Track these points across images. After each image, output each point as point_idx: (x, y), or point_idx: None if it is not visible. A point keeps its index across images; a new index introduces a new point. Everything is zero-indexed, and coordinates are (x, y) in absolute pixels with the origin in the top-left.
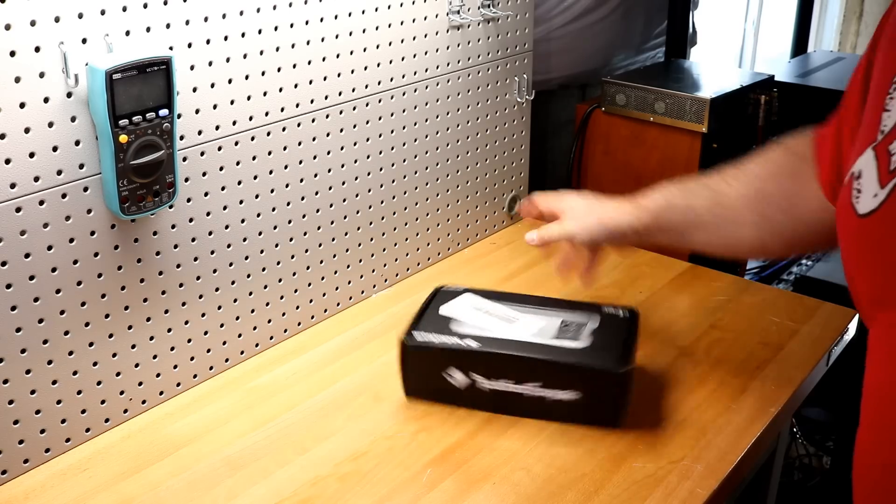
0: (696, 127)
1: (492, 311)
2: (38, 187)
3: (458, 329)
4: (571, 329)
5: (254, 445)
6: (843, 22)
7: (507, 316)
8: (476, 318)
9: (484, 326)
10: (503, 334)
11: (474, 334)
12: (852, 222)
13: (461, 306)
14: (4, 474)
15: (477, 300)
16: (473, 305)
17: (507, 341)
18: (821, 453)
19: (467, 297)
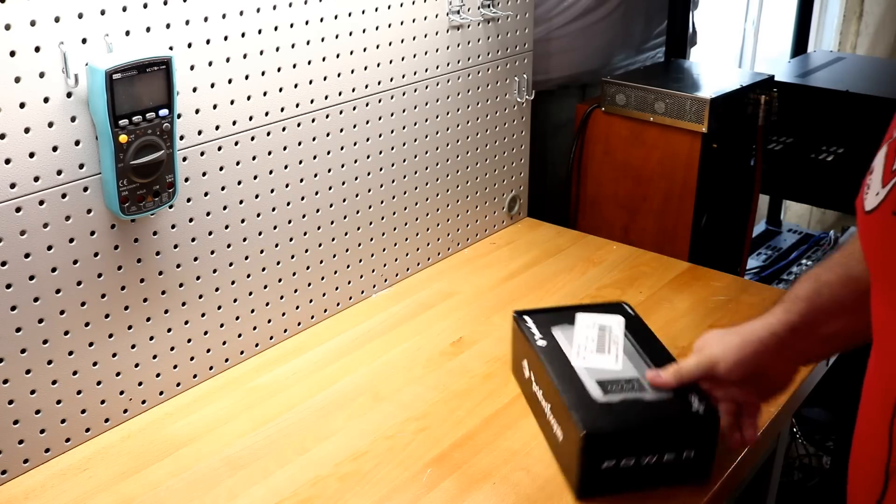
0: (696, 127)
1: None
2: (37, 187)
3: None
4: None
5: (254, 445)
6: (843, 22)
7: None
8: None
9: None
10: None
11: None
12: (861, 218)
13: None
14: (4, 474)
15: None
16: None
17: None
18: (821, 453)
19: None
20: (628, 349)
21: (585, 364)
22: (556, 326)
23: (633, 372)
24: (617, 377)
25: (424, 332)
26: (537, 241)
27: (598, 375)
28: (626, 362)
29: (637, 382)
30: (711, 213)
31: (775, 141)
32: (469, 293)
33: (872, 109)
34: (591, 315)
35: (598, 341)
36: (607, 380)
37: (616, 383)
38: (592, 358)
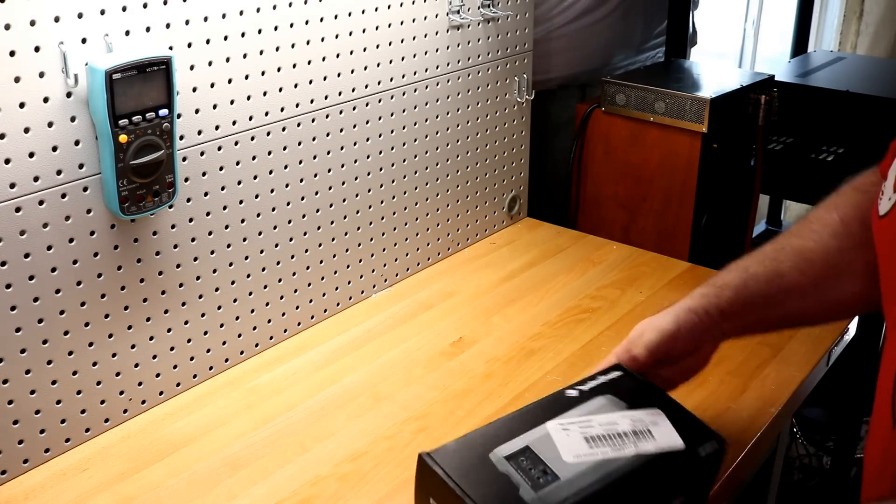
0: (696, 127)
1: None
2: (37, 187)
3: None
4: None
5: (254, 445)
6: (843, 22)
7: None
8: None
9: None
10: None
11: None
12: (876, 223)
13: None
14: (4, 474)
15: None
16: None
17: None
18: (821, 453)
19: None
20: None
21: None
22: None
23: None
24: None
25: (424, 332)
26: (537, 241)
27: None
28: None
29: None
30: (711, 213)
31: (775, 141)
32: (469, 293)
33: (872, 109)
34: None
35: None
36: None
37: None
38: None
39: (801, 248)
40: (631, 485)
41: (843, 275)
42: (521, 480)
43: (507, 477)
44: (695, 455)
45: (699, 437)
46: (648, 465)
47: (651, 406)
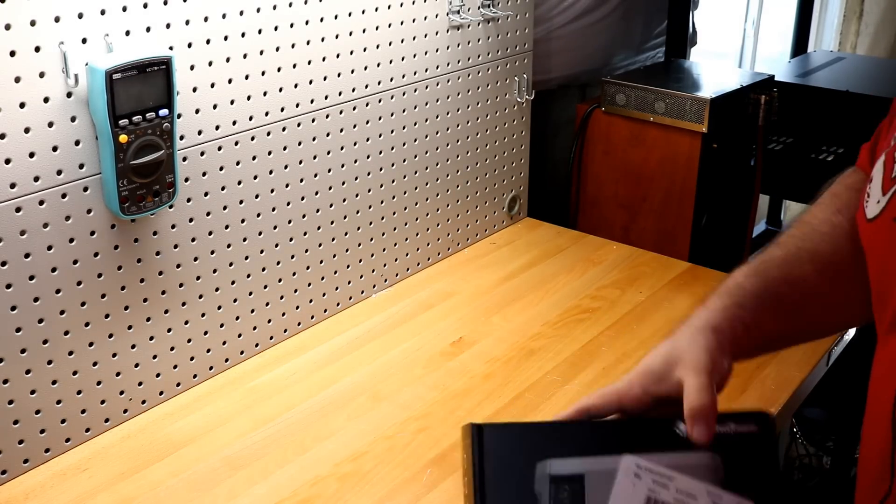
0: (696, 127)
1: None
2: (37, 187)
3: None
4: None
5: (254, 445)
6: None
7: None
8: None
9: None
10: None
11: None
12: (864, 226)
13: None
14: (4, 474)
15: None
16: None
17: None
18: (821, 453)
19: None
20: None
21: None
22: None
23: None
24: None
25: (424, 332)
26: (537, 241)
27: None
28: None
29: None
30: (711, 213)
31: (775, 141)
32: (469, 293)
33: (872, 109)
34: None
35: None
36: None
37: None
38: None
39: (817, 252)
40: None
41: (857, 280)
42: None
43: (536, 499)
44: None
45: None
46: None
47: (750, 495)
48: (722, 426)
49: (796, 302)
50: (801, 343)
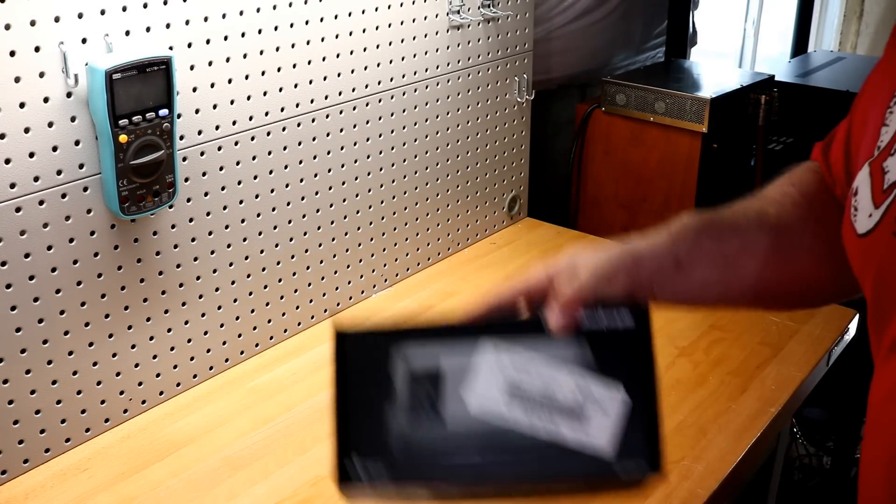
0: (696, 127)
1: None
2: (37, 187)
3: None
4: (568, 401)
5: (254, 445)
6: (843, 22)
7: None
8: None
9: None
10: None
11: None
12: (853, 242)
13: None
14: (4, 474)
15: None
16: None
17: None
18: (821, 453)
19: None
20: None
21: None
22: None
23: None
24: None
25: None
26: (537, 241)
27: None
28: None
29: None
30: None
31: (775, 141)
32: (469, 293)
33: None
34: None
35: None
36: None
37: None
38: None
39: (764, 212)
40: (513, 475)
41: (799, 247)
42: (404, 403)
43: (393, 393)
44: (611, 470)
45: (635, 451)
46: (550, 458)
47: (618, 380)
48: (593, 319)
49: (735, 252)
50: (738, 307)
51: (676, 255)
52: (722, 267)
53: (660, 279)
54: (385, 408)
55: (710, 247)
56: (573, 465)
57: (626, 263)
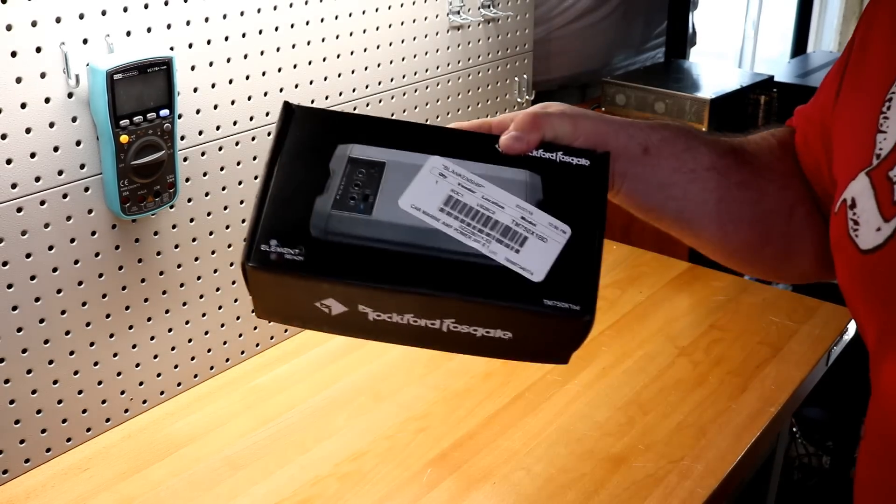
0: (696, 127)
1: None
2: (39, 187)
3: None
4: (507, 221)
5: (254, 445)
6: (843, 22)
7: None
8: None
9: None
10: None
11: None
12: (853, 258)
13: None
14: (6, 474)
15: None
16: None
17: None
18: (820, 453)
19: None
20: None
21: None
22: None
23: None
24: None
25: None
26: None
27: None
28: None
29: (512, 215)
30: None
31: None
32: None
33: None
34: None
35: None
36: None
37: (498, 226)
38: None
39: (741, 147)
40: (425, 274)
41: (765, 194)
42: (335, 188)
43: (328, 176)
44: (538, 301)
45: (567, 287)
46: (471, 272)
47: (567, 220)
48: (549, 152)
49: (704, 168)
50: (693, 237)
51: (647, 142)
52: (688, 177)
53: (623, 159)
54: (315, 191)
55: (683, 152)
56: (497, 287)
57: (599, 121)
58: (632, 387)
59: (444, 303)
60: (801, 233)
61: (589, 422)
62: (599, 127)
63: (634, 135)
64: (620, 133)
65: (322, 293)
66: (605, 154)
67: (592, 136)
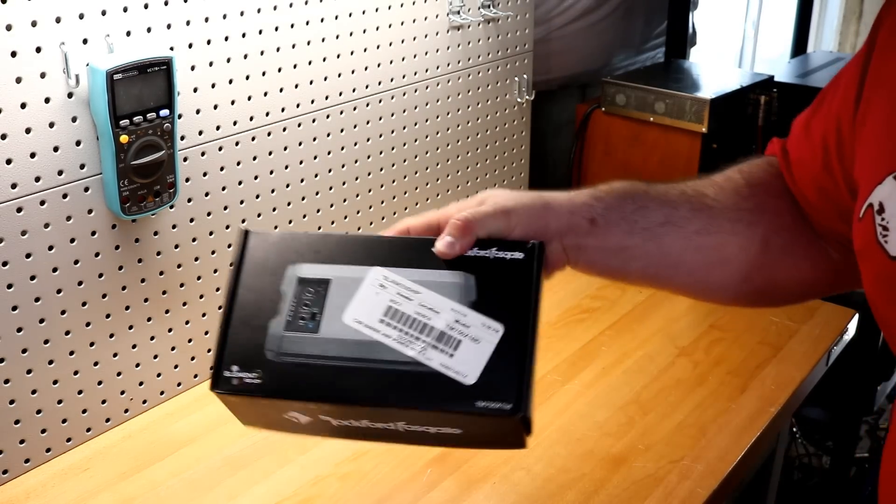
0: (696, 127)
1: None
2: (39, 187)
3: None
4: (439, 327)
5: (254, 445)
6: (843, 22)
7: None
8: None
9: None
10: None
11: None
12: (883, 264)
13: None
14: (6, 474)
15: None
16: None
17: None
18: (820, 453)
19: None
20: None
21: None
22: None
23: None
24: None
25: None
26: None
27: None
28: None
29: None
30: None
31: None
32: None
33: None
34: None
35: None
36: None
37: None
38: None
39: (699, 192)
40: (367, 387)
41: (729, 232)
42: (286, 310)
43: (280, 299)
44: (470, 404)
45: (500, 387)
46: (409, 381)
47: (498, 319)
48: (483, 249)
49: (658, 225)
50: (668, 287)
51: (592, 213)
52: (642, 237)
53: (571, 235)
54: (270, 314)
55: (632, 214)
56: (432, 393)
57: (536, 208)
58: (632, 387)
59: (388, 412)
60: (783, 262)
61: (589, 422)
62: (536, 214)
63: (577, 210)
64: (561, 214)
65: (285, 408)
66: (537, 244)
67: (529, 225)
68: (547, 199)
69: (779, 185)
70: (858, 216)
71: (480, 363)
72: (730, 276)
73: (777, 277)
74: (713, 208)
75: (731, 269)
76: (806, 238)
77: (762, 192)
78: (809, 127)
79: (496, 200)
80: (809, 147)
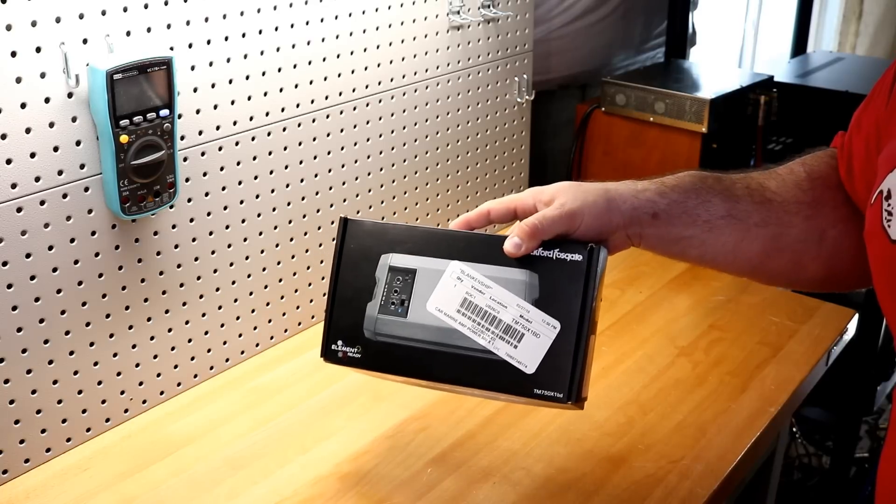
0: (696, 127)
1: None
2: (38, 187)
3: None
4: (505, 322)
5: (254, 445)
6: (843, 22)
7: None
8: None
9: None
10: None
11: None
12: (885, 248)
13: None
14: (5, 474)
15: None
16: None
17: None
18: (820, 453)
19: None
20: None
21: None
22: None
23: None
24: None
25: None
26: None
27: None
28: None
29: (510, 315)
30: None
31: (775, 141)
32: None
33: None
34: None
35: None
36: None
37: (499, 326)
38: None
39: (762, 184)
40: (447, 368)
41: (788, 225)
42: (380, 294)
43: (374, 284)
44: (528, 390)
45: (555, 378)
46: (479, 366)
47: (557, 316)
48: (547, 249)
49: (719, 218)
50: (721, 269)
51: (655, 208)
52: (702, 229)
53: (634, 226)
54: (366, 298)
55: (695, 208)
56: (498, 378)
57: (599, 206)
58: (631, 387)
59: (463, 389)
60: (837, 252)
61: (589, 422)
62: (600, 213)
63: (640, 206)
64: (625, 210)
65: (380, 375)
66: (597, 249)
67: (593, 224)
68: (612, 195)
69: (837, 177)
70: (870, 202)
71: (539, 355)
72: (786, 264)
73: (832, 266)
74: (773, 201)
75: (787, 258)
76: (861, 230)
77: (821, 186)
78: (860, 120)
79: (563, 201)
80: (859, 140)
